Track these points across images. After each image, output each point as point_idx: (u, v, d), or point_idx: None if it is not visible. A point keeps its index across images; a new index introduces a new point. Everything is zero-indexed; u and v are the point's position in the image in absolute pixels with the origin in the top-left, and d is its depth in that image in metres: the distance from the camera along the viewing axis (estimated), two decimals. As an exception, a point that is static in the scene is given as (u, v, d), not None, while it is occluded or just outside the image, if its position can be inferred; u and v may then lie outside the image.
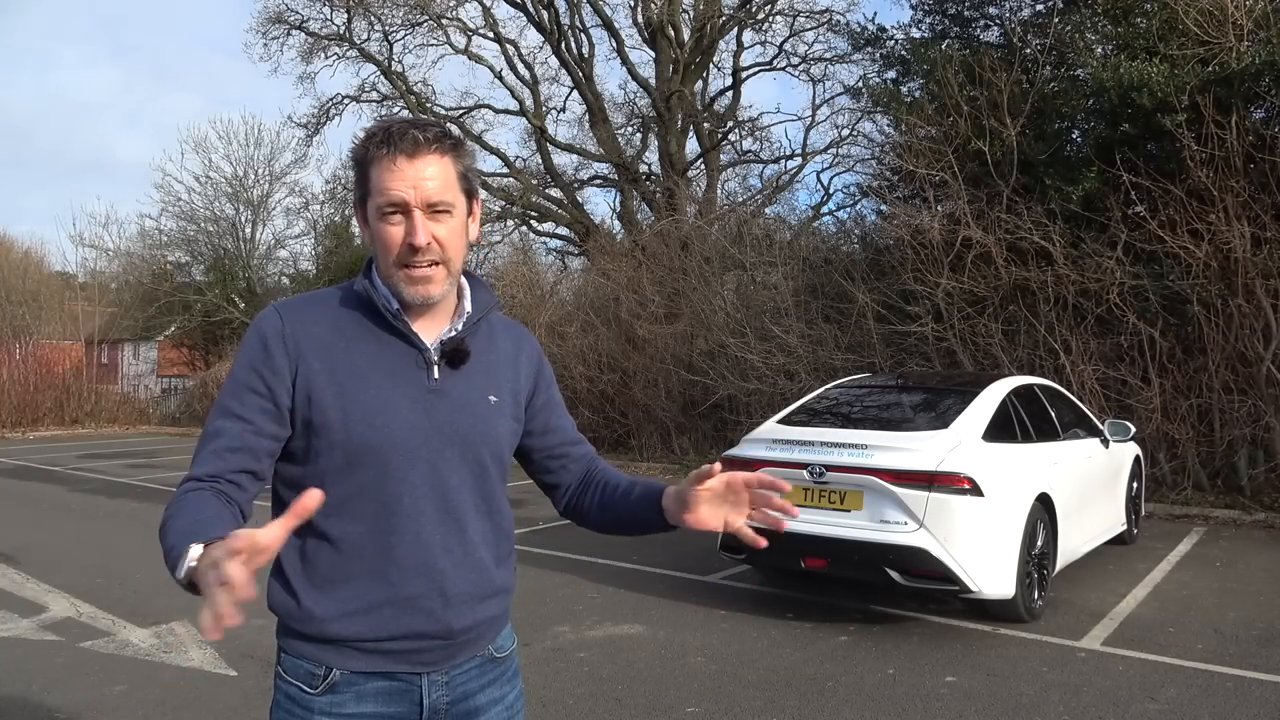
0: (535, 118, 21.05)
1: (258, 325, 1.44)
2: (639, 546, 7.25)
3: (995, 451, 5.19)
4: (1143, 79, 9.12)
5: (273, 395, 1.41)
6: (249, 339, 1.44)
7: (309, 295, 1.53)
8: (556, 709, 3.92)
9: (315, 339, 1.43)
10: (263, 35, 21.63)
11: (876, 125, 15.28)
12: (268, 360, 1.41)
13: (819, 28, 20.56)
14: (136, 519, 8.91)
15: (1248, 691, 4.09)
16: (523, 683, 1.66)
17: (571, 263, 21.53)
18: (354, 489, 1.42)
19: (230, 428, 1.41)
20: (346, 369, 1.43)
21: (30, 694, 4.11)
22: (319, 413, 1.41)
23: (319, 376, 1.41)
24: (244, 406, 1.41)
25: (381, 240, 1.43)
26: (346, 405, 1.41)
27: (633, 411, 13.49)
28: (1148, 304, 9.30)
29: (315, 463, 1.43)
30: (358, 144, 1.45)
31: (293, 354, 1.42)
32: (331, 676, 1.43)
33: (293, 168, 28.44)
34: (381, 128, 1.43)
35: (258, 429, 1.41)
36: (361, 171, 1.45)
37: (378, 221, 1.43)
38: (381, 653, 1.43)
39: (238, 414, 1.41)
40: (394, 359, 1.46)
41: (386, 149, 1.40)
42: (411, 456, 1.43)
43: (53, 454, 15.26)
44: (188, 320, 26.19)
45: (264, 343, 1.42)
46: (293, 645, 1.46)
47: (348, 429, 1.40)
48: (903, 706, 3.94)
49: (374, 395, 1.42)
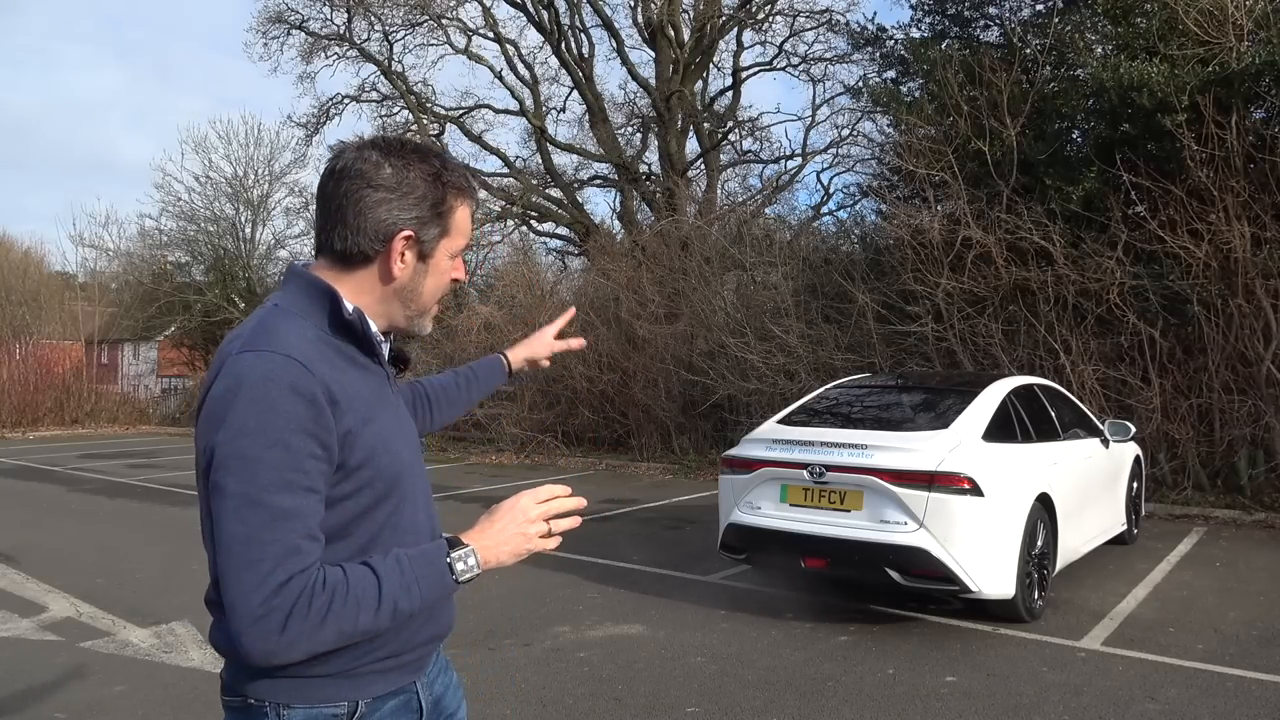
0: (535, 118, 21.05)
1: (291, 382, 1.26)
2: (639, 546, 7.25)
3: (995, 451, 5.19)
4: (1143, 79, 9.12)
5: (330, 457, 1.29)
6: (285, 398, 1.25)
7: (299, 334, 1.34)
8: (556, 709, 3.92)
9: (336, 382, 1.33)
10: (263, 35, 21.67)
11: (876, 125, 15.32)
12: (320, 419, 1.27)
13: (819, 28, 20.58)
14: (136, 519, 8.91)
15: (1248, 691, 4.09)
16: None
17: (571, 263, 21.55)
18: (380, 523, 1.39)
19: (305, 505, 1.25)
20: (361, 404, 1.37)
21: (30, 694, 4.11)
22: (351, 454, 1.32)
23: (348, 418, 1.32)
24: (309, 477, 1.26)
25: (444, 279, 1.46)
26: (370, 440, 1.36)
27: (633, 411, 13.49)
28: (1148, 304, 9.29)
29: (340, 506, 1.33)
30: (442, 179, 1.40)
31: (330, 405, 1.30)
32: (359, 710, 1.38)
33: (293, 168, 28.43)
34: (459, 170, 1.43)
35: (323, 499, 1.30)
36: (443, 209, 1.40)
37: (448, 261, 1.45)
38: (400, 667, 1.42)
39: (307, 486, 1.25)
40: (376, 383, 1.45)
41: (469, 198, 1.43)
42: (414, 475, 1.46)
43: (53, 454, 15.26)
44: (188, 320, 26.19)
45: (308, 401, 1.26)
46: (307, 693, 1.34)
47: (376, 464, 1.37)
48: (903, 706, 3.94)
49: (381, 423, 1.42)
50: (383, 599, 1.26)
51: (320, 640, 1.24)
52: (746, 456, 5.50)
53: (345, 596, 1.24)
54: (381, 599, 1.26)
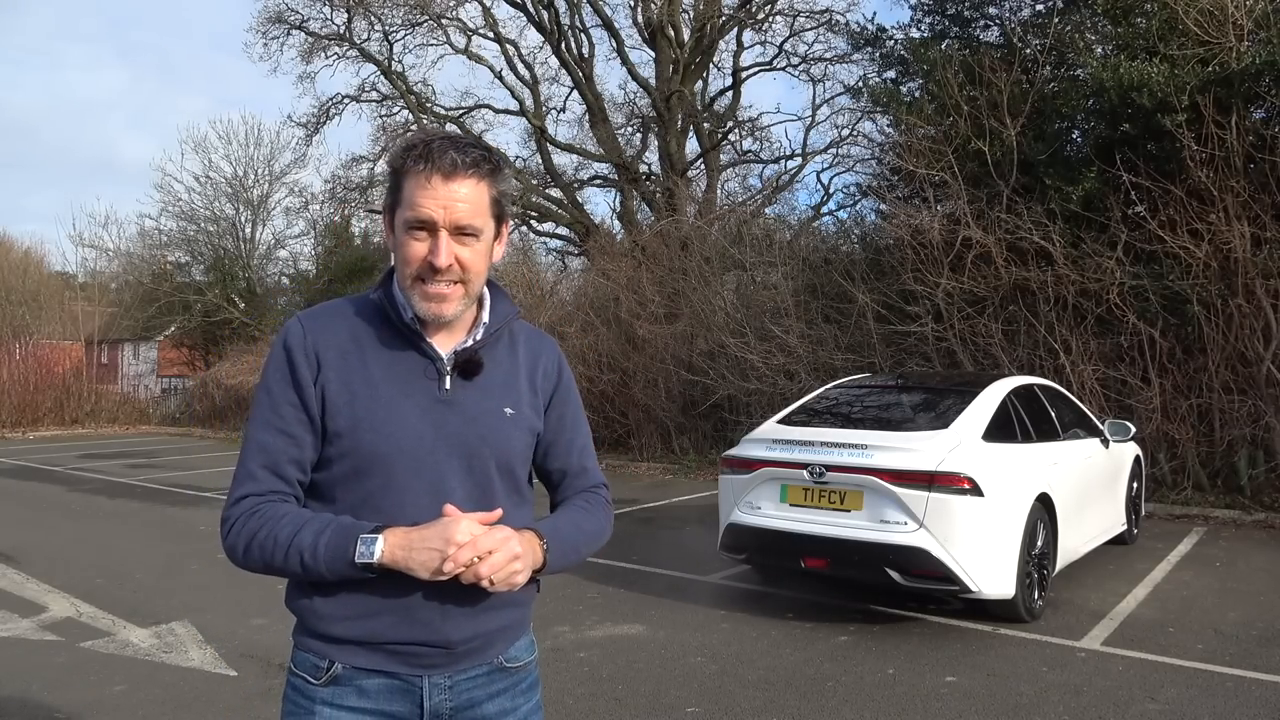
0: (535, 118, 21.05)
1: (283, 337, 1.48)
2: (639, 546, 7.25)
3: (995, 451, 5.19)
4: (1143, 79, 9.12)
5: (306, 407, 1.45)
6: (276, 352, 1.47)
7: (330, 305, 1.55)
8: (556, 709, 3.92)
9: (333, 348, 1.47)
10: (262, 35, 21.69)
11: (876, 125, 15.31)
12: (295, 371, 1.45)
13: (819, 28, 20.60)
14: (136, 519, 8.91)
15: (1248, 691, 4.09)
16: (541, 694, 1.63)
17: (571, 263, 21.56)
18: (361, 496, 1.44)
19: (274, 442, 1.44)
20: (360, 377, 1.46)
21: (30, 694, 4.11)
22: (332, 420, 1.44)
23: (333, 384, 1.45)
24: (284, 420, 1.45)
25: (404, 254, 1.44)
26: (357, 413, 1.44)
27: (633, 411, 13.49)
28: (1148, 304, 9.30)
29: (327, 469, 1.47)
30: (396, 152, 1.46)
31: (313, 363, 1.45)
32: (334, 670, 1.46)
33: (292, 167, 28.54)
34: (423, 141, 1.43)
35: (299, 441, 1.45)
36: (395, 181, 1.45)
37: (403, 234, 1.44)
38: (384, 653, 1.45)
39: (280, 428, 1.45)
40: (406, 369, 1.47)
41: (424, 165, 1.40)
42: (416, 465, 1.44)
43: (53, 454, 15.26)
44: (188, 320, 26.20)
45: (289, 355, 1.46)
46: (303, 641, 1.50)
47: (357, 437, 1.43)
48: (903, 706, 3.94)
49: (384, 404, 1.44)
50: (292, 545, 1.38)
51: (250, 557, 1.41)
52: (746, 456, 5.50)
53: (269, 531, 1.40)
54: (291, 545, 1.38)
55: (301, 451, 1.45)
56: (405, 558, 1.36)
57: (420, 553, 1.35)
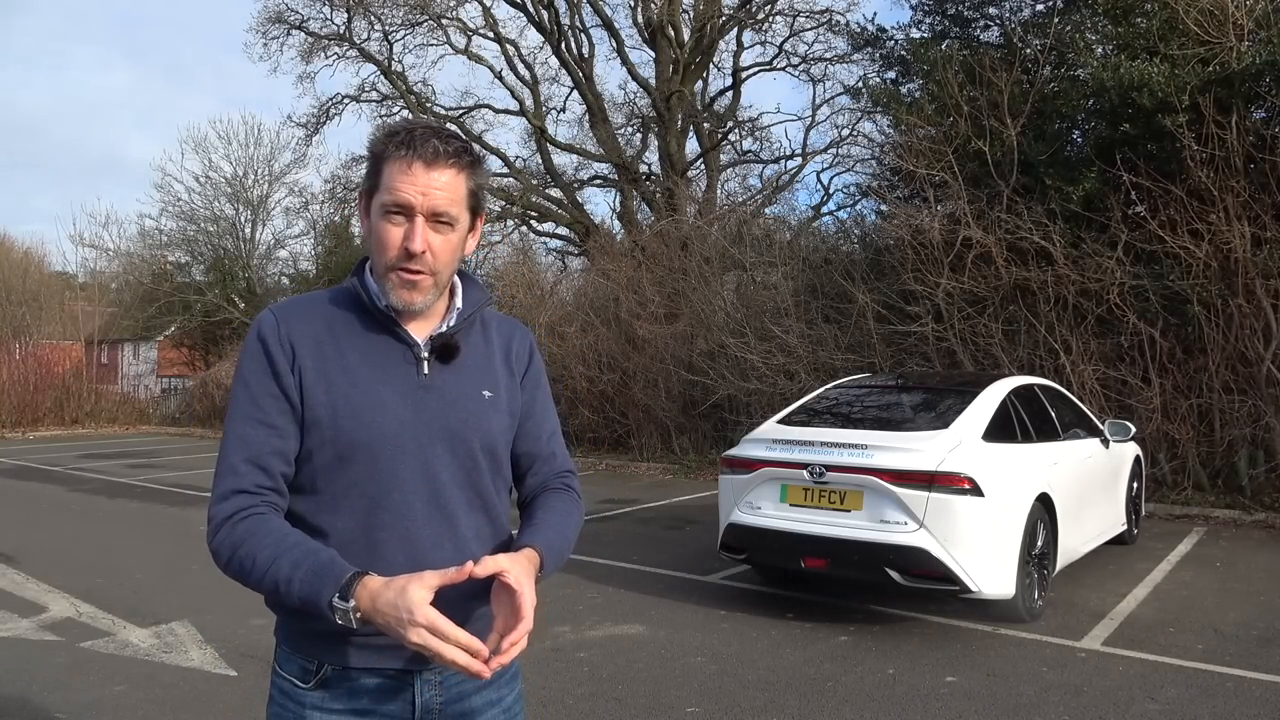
0: (535, 118, 21.05)
1: (257, 329, 1.47)
2: (639, 546, 7.25)
3: (995, 451, 5.19)
4: (1143, 79, 9.12)
5: (286, 396, 1.44)
6: (250, 344, 1.46)
7: (303, 296, 1.56)
8: (556, 709, 3.92)
9: (308, 337, 1.46)
10: (262, 35, 21.68)
11: (876, 125, 15.32)
12: (272, 362, 1.44)
13: (819, 28, 20.59)
14: (136, 519, 8.91)
15: (1248, 691, 4.09)
16: (522, 684, 1.65)
17: (571, 263, 21.55)
18: (345, 485, 1.44)
19: (255, 434, 1.43)
20: (337, 365, 1.45)
21: (30, 694, 4.11)
22: (310, 409, 1.43)
23: (310, 373, 1.44)
24: (264, 411, 1.43)
25: (379, 238, 1.44)
26: (335, 401, 1.43)
27: (633, 411, 13.49)
28: (1148, 304, 9.29)
29: (308, 460, 1.45)
30: (377, 138, 1.46)
31: (289, 352, 1.44)
32: (323, 672, 1.44)
33: (292, 167, 28.51)
34: (405, 128, 1.44)
35: (281, 432, 1.43)
36: (375, 165, 1.46)
37: (380, 218, 1.44)
38: (372, 648, 1.42)
39: (260, 420, 1.43)
40: (384, 355, 1.48)
41: (405, 150, 1.41)
42: (400, 451, 1.44)
43: (53, 454, 15.26)
44: (188, 320, 26.21)
45: (264, 345, 1.45)
46: (290, 641, 1.48)
47: (336, 424, 1.43)
48: (903, 706, 3.94)
49: (363, 391, 1.44)
50: (268, 574, 1.34)
51: (231, 569, 1.38)
52: (746, 456, 5.50)
53: (249, 550, 1.35)
54: (267, 573, 1.34)
55: (284, 442, 1.43)
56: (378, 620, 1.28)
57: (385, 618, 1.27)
